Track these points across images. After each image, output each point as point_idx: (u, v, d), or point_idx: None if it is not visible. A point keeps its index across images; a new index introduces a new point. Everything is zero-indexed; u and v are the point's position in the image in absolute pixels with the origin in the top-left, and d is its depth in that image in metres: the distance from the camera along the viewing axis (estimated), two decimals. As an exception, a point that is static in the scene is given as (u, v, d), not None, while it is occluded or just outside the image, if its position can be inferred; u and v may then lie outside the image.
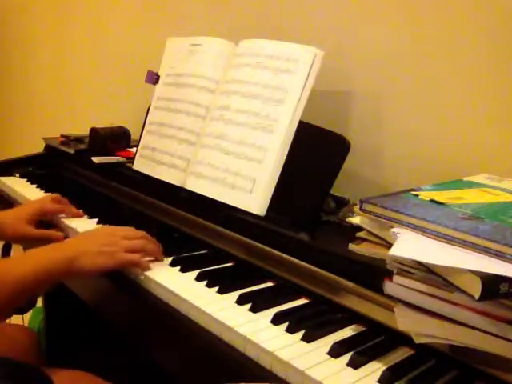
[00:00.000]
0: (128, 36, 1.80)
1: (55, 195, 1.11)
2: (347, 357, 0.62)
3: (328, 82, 1.05)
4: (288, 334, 0.67)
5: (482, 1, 0.90)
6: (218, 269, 0.86)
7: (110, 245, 0.83)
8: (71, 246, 0.85)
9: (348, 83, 1.11)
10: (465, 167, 0.90)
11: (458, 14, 0.94)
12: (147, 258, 0.85)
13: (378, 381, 0.58)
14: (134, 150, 1.27)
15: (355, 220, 0.80)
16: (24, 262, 0.79)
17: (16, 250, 1.41)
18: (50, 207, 1.07)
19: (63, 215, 1.08)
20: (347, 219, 0.85)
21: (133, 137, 1.40)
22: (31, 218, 1.04)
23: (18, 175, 1.40)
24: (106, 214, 1.07)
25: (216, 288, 0.78)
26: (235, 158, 0.96)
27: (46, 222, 1.08)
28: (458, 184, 0.80)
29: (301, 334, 0.66)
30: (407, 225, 0.63)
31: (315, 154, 0.92)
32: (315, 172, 0.90)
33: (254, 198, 0.92)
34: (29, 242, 1.07)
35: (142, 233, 0.88)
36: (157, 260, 0.86)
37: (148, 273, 0.81)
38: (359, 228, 0.74)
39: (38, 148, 1.53)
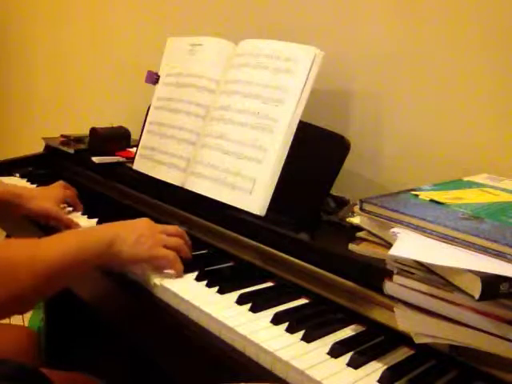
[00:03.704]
0: (128, 36, 1.80)
1: (61, 182, 1.15)
2: (347, 357, 0.62)
3: (328, 81, 1.05)
4: (288, 334, 0.67)
5: (482, 1, 0.90)
6: (218, 269, 0.86)
7: (149, 237, 0.81)
8: (109, 229, 0.81)
9: (348, 83, 1.11)
10: (465, 167, 0.90)
11: (458, 14, 0.93)
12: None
13: (378, 381, 0.58)
14: (134, 149, 1.27)
15: (355, 220, 0.80)
16: (57, 244, 0.75)
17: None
18: (68, 194, 1.12)
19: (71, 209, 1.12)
20: (347, 219, 0.85)
21: (133, 137, 1.40)
22: (57, 199, 1.08)
23: (18, 175, 1.40)
24: (106, 214, 1.07)
25: (216, 288, 0.78)
26: (235, 158, 0.96)
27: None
28: (458, 184, 0.80)
29: (301, 333, 0.66)
30: (407, 225, 0.63)
31: (315, 154, 0.92)
32: (315, 172, 0.90)
33: (254, 198, 0.92)
34: (48, 219, 1.08)
35: (180, 229, 0.87)
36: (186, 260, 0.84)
37: (148, 273, 0.81)
38: (359, 228, 0.74)
39: (38, 148, 1.54)
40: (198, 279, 0.81)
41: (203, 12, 1.46)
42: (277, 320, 0.69)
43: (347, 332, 0.69)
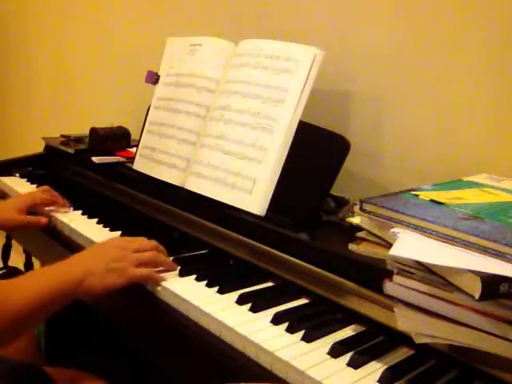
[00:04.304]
0: (128, 36, 1.80)
1: (45, 187, 1.13)
2: (347, 357, 0.62)
3: (328, 81, 1.05)
4: (288, 334, 0.67)
5: (483, 1, 0.90)
6: (218, 269, 0.86)
7: (120, 260, 0.78)
8: (78, 265, 0.78)
9: (348, 83, 1.11)
10: (465, 167, 0.90)
11: (458, 15, 0.93)
12: (159, 268, 0.82)
13: (378, 381, 0.58)
14: (134, 149, 1.27)
15: (355, 220, 0.80)
16: (28, 287, 0.73)
17: (15, 250, 1.41)
18: (39, 197, 1.10)
19: (53, 208, 1.11)
20: (347, 219, 0.85)
21: (133, 137, 1.40)
22: (21, 207, 1.07)
23: (18, 175, 1.40)
24: (106, 214, 1.07)
25: (216, 288, 0.78)
26: (235, 158, 0.96)
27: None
28: (458, 184, 0.80)
29: (301, 333, 0.66)
30: (407, 225, 0.63)
31: (315, 154, 0.92)
32: (315, 172, 0.90)
33: (254, 198, 0.92)
34: (18, 229, 1.09)
35: (153, 242, 0.84)
36: (169, 271, 0.82)
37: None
38: (359, 228, 0.74)
39: (38, 148, 1.54)
40: (198, 279, 0.81)
41: (203, 12, 1.46)
42: (277, 320, 0.69)
43: (347, 332, 0.69)
